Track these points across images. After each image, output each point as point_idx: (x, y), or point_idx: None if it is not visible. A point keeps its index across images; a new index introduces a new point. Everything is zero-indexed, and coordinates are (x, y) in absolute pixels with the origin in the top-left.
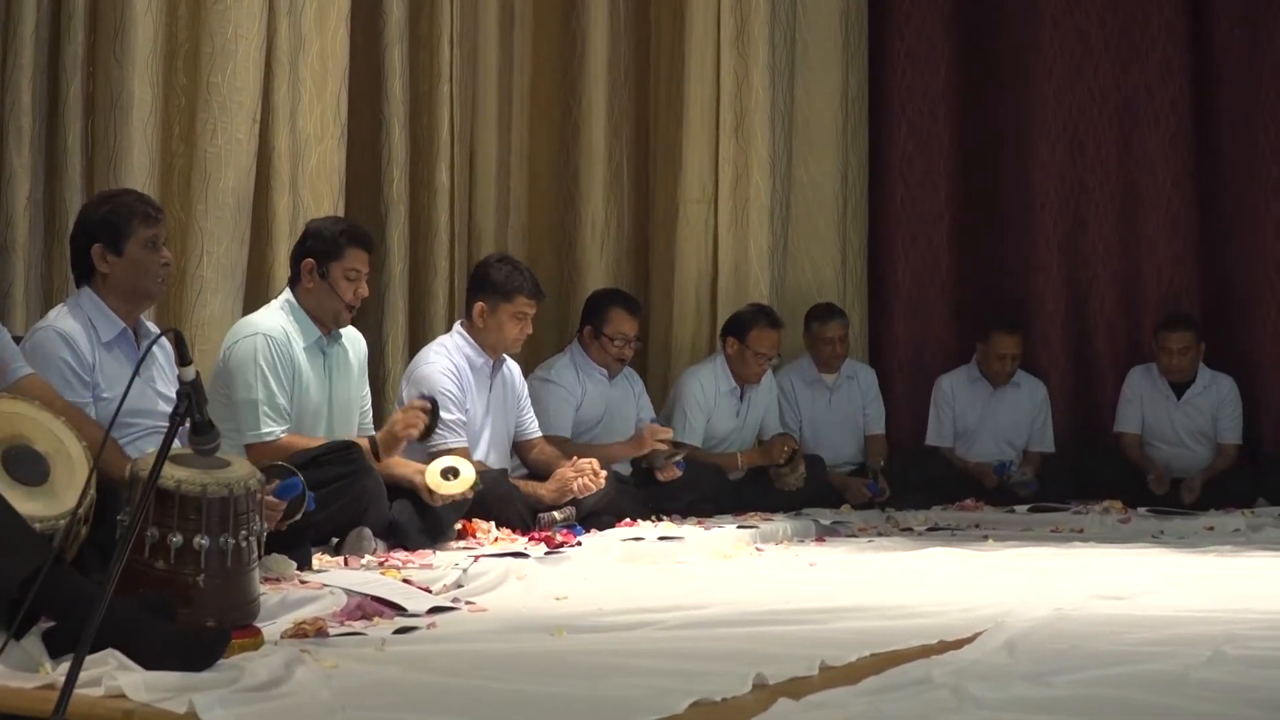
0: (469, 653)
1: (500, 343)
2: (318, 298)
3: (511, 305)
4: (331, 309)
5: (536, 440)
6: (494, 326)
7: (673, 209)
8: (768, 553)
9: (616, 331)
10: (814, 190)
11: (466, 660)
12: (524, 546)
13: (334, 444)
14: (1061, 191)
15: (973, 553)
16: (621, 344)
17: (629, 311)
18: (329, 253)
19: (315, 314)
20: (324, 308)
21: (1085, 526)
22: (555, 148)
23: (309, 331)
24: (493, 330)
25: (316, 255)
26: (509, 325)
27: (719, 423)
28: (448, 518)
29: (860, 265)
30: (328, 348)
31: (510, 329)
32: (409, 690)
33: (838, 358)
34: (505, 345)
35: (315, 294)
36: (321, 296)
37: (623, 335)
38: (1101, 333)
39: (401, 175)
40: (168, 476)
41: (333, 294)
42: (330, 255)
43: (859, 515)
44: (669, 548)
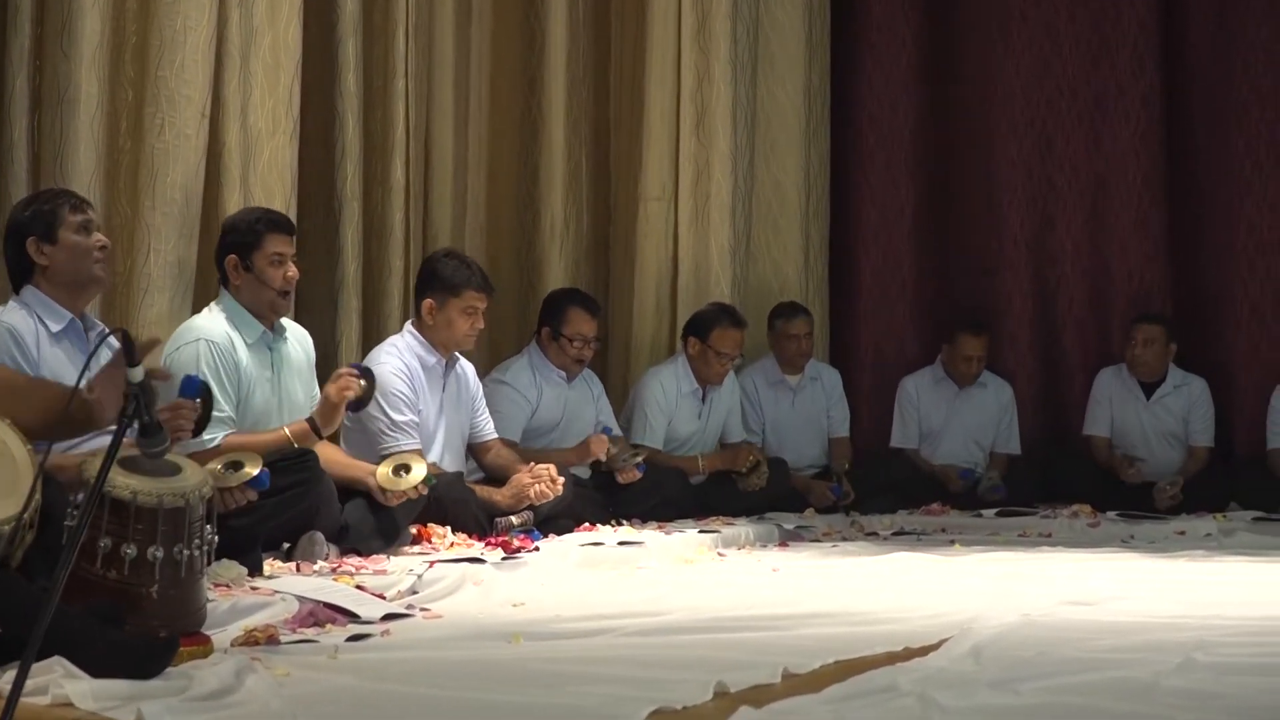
0: (424, 660)
1: (451, 339)
2: (250, 292)
3: (460, 300)
4: (265, 300)
5: (493, 442)
6: (443, 323)
7: (633, 207)
8: (730, 558)
9: (575, 332)
10: (775, 187)
11: (421, 668)
12: (480, 551)
13: (288, 451)
14: (1029, 188)
15: (939, 557)
16: (580, 345)
17: (588, 312)
18: (248, 244)
19: (254, 309)
20: (258, 300)
21: (1054, 531)
22: (514, 145)
23: (251, 329)
24: (442, 327)
25: (237, 250)
26: (459, 321)
27: (680, 425)
28: (402, 522)
29: (822, 264)
30: (274, 344)
31: (460, 325)
32: (362, 699)
33: (802, 356)
34: (456, 342)
35: (247, 288)
36: (252, 289)
37: (581, 336)
38: (1070, 332)
39: (355, 172)
40: (122, 486)
41: (261, 284)
42: (251, 246)
43: (823, 519)
44: (629, 553)
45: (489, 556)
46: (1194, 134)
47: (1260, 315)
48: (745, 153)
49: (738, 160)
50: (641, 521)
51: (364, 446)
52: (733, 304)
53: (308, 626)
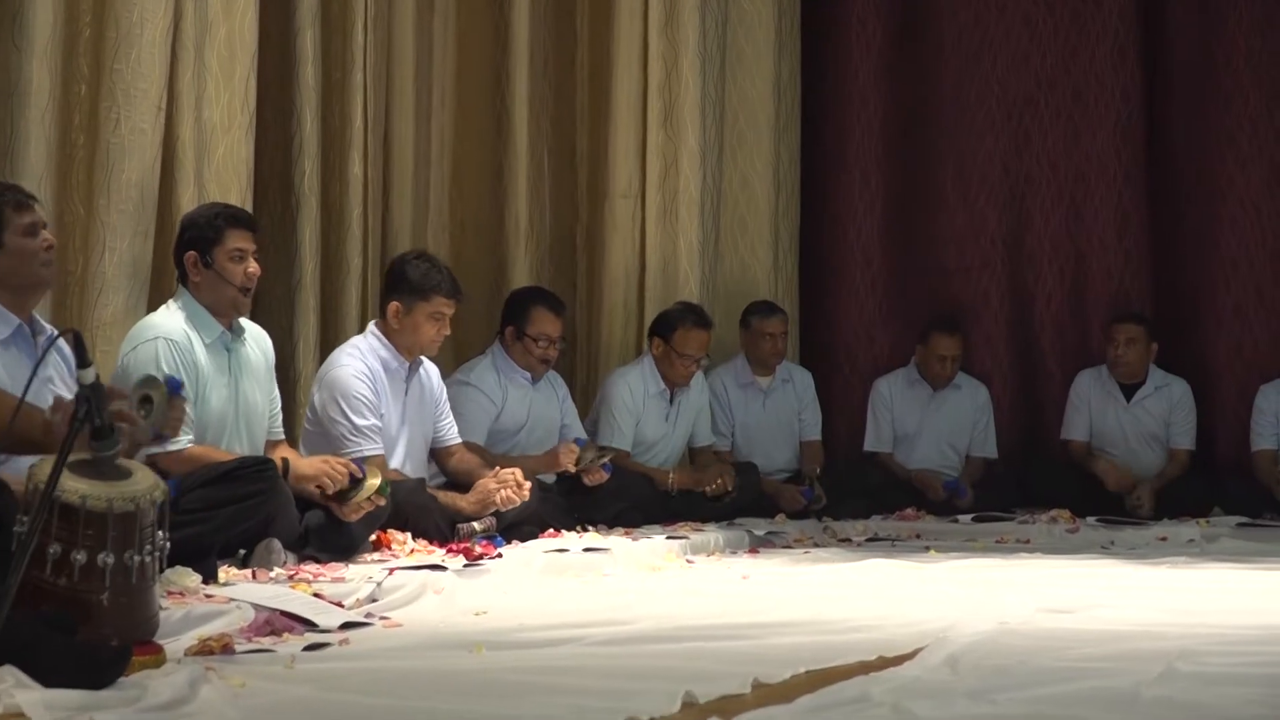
0: (383, 670)
1: (416, 344)
2: (210, 289)
3: (428, 305)
4: (226, 297)
5: (456, 447)
6: (409, 327)
7: (600, 203)
8: (698, 565)
9: (539, 332)
10: (744, 184)
11: (380, 679)
12: (441, 558)
13: (247, 459)
14: (1006, 185)
15: (914, 564)
16: (545, 345)
17: (552, 311)
18: (209, 240)
19: (213, 307)
20: (219, 298)
21: (1032, 537)
22: (478, 139)
23: (210, 328)
24: (408, 331)
25: (196, 246)
26: (425, 326)
27: (648, 427)
28: (361, 529)
29: (792, 262)
30: (232, 344)
31: (427, 330)
32: (320, 710)
33: (777, 355)
34: (421, 348)
35: (206, 286)
36: (213, 287)
37: (546, 336)
38: (1048, 333)
39: (313, 167)
40: (71, 490)
41: (222, 281)
42: (211, 242)
43: (794, 525)
44: (594, 560)
45: (450, 564)
46: (1176, 128)
47: (1243, 315)
48: (714, 148)
49: (706, 156)
50: (608, 527)
51: (325, 452)
52: (701, 303)
53: (264, 635)
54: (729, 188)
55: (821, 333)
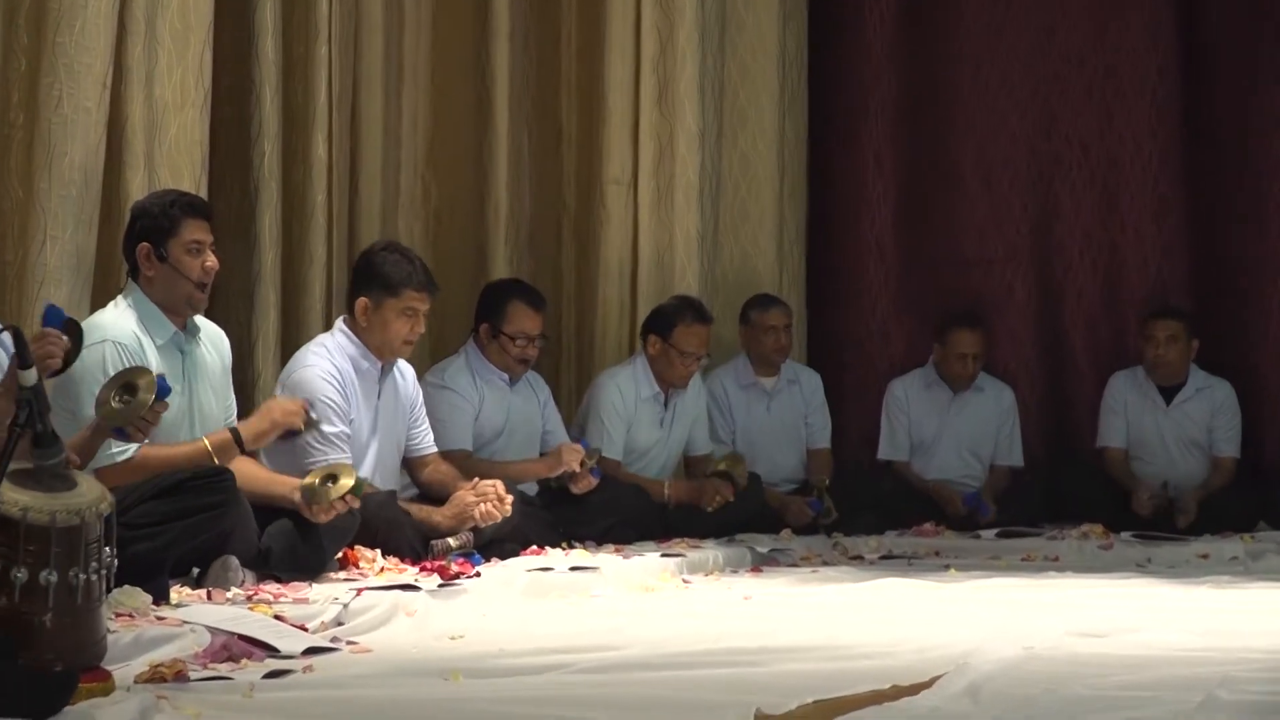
0: (350, 700)
1: (386, 343)
2: (164, 285)
3: (399, 300)
4: (182, 293)
5: (430, 456)
6: (379, 324)
7: (588, 190)
8: (696, 585)
9: (517, 330)
10: (746, 168)
11: (347, 708)
12: (414, 578)
13: (202, 469)
14: (1033, 169)
15: (932, 584)
16: (523, 344)
17: (531, 306)
18: (163, 230)
19: (166, 304)
20: (173, 294)
21: (1061, 554)
22: (455, 119)
23: (162, 329)
24: (377, 329)
25: (149, 237)
26: (396, 323)
27: (640, 433)
28: (328, 545)
29: (798, 253)
30: (186, 345)
31: (398, 328)
32: None
33: (781, 351)
34: (392, 348)
35: (160, 281)
36: (167, 282)
37: (524, 334)
38: (1079, 331)
39: (273, 148)
40: (10, 502)
41: (178, 275)
42: (165, 233)
43: (801, 541)
44: (582, 579)
45: (424, 583)
46: (1218, 105)
47: None
48: (713, 129)
49: (705, 137)
50: (596, 544)
51: (288, 462)
52: (699, 298)
53: (220, 661)
54: (729, 172)
55: (831, 330)
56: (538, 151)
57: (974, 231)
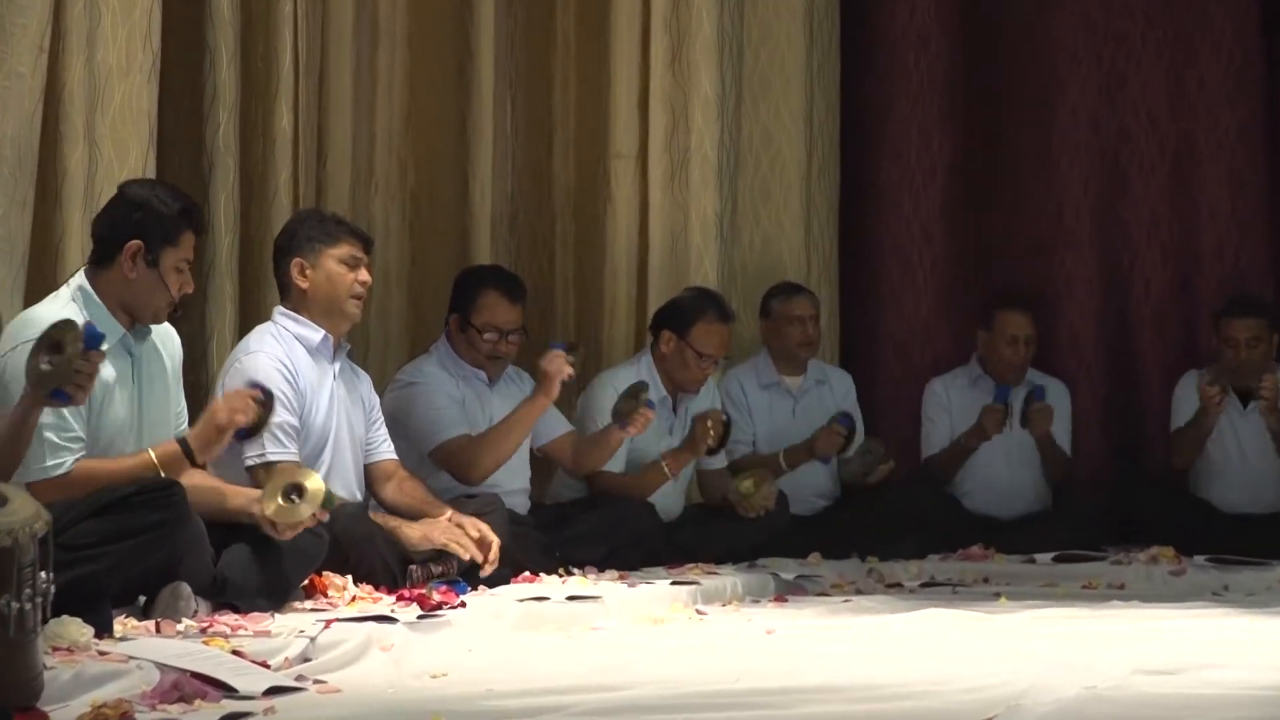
0: None
1: (334, 298)
2: (139, 290)
3: (336, 249)
4: (153, 305)
5: (390, 465)
6: (321, 281)
7: (588, 166)
8: (711, 616)
9: (487, 322)
10: (769, 141)
11: None
12: (390, 608)
13: (148, 483)
14: (1095, 143)
15: (981, 615)
16: (494, 339)
17: (506, 296)
18: (165, 236)
19: (129, 307)
20: (143, 302)
21: (1127, 580)
22: (435, 86)
23: (110, 330)
24: (322, 288)
25: (148, 237)
26: (340, 272)
27: (645, 442)
28: (292, 570)
29: (829, 238)
30: (135, 347)
31: (342, 277)
32: None
33: (808, 345)
34: (341, 303)
35: (137, 285)
36: (145, 289)
37: (495, 327)
38: (1146, 326)
39: (230, 120)
40: None
41: (161, 288)
42: (166, 240)
43: (831, 567)
44: (581, 610)
45: (401, 614)
46: None
47: None
48: (732, 96)
49: (723, 105)
50: (597, 570)
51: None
52: (717, 289)
53: (171, 702)
54: (750, 145)
55: (866, 327)
56: (530, 123)
57: (1029, 215)
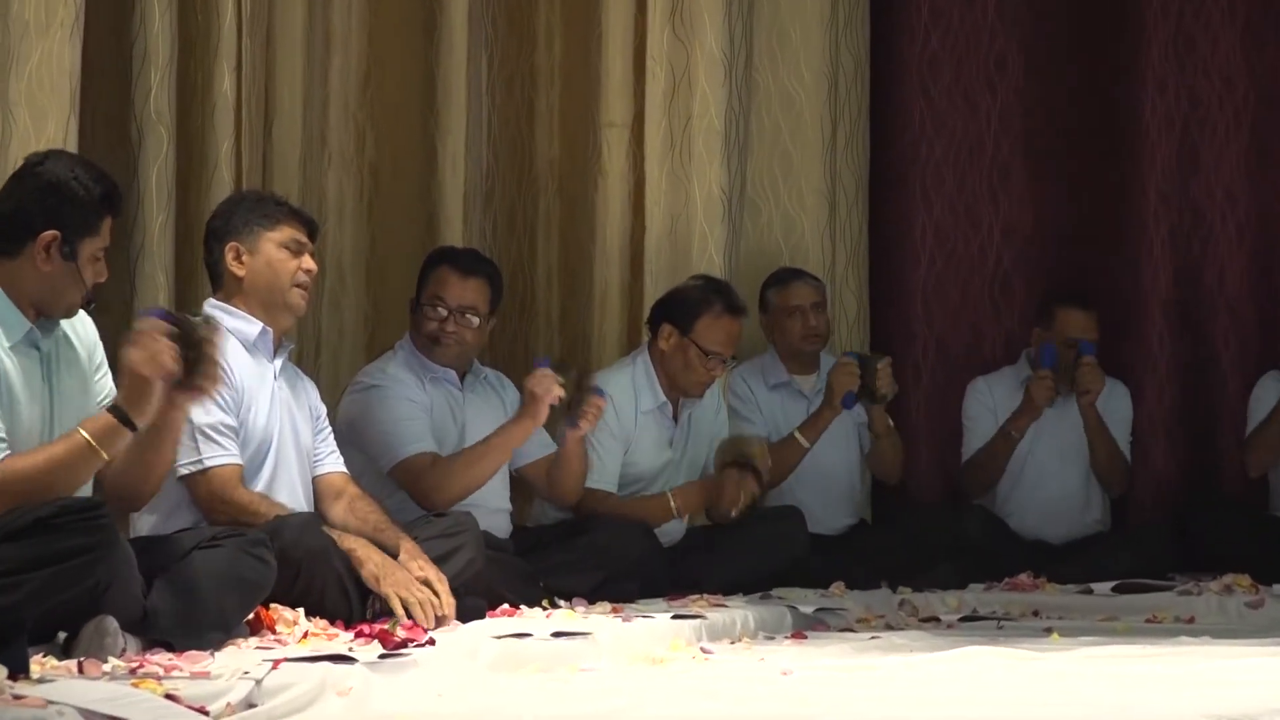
0: None
1: (276, 289)
2: (52, 284)
3: (276, 232)
4: (68, 300)
5: (337, 480)
6: (262, 270)
7: (576, 136)
8: (719, 656)
9: (432, 294)
10: (788, 105)
11: None
12: (348, 646)
13: (69, 503)
14: (1163, 109)
15: (1029, 653)
16: (438, 318)
17: (457, 269)
18: (85, 225)
19: (40, 302)
20: (56, 298)
21: (1197, 613)
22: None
23: (12, 325)
24: (261, 276)
25: (65, 227)
26: (281, 259)
27: (642, 456)
28: (234, 601)
29: (858, 219)
30: (44, 342)
31: (284, 264)
32: None
33: (813, 338)
34: (284, 293)
35: (50, 279)
36: (59, 283)
37: (439, 300)
38: (1220, 323)
39: (164, 82)
40: None
41: (77, 282)
42: (85, 229)
43: (857, 599)
44: (568, 648)
45: (361, 653)
46: None
47: None
48: (742, 53)
49: (732, 65)
50: (588, 602)
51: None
52: (725, 278)
53: None
54: (764, 111)
55: (901, 323)
56: (508, 86)
57: (1089, 194)
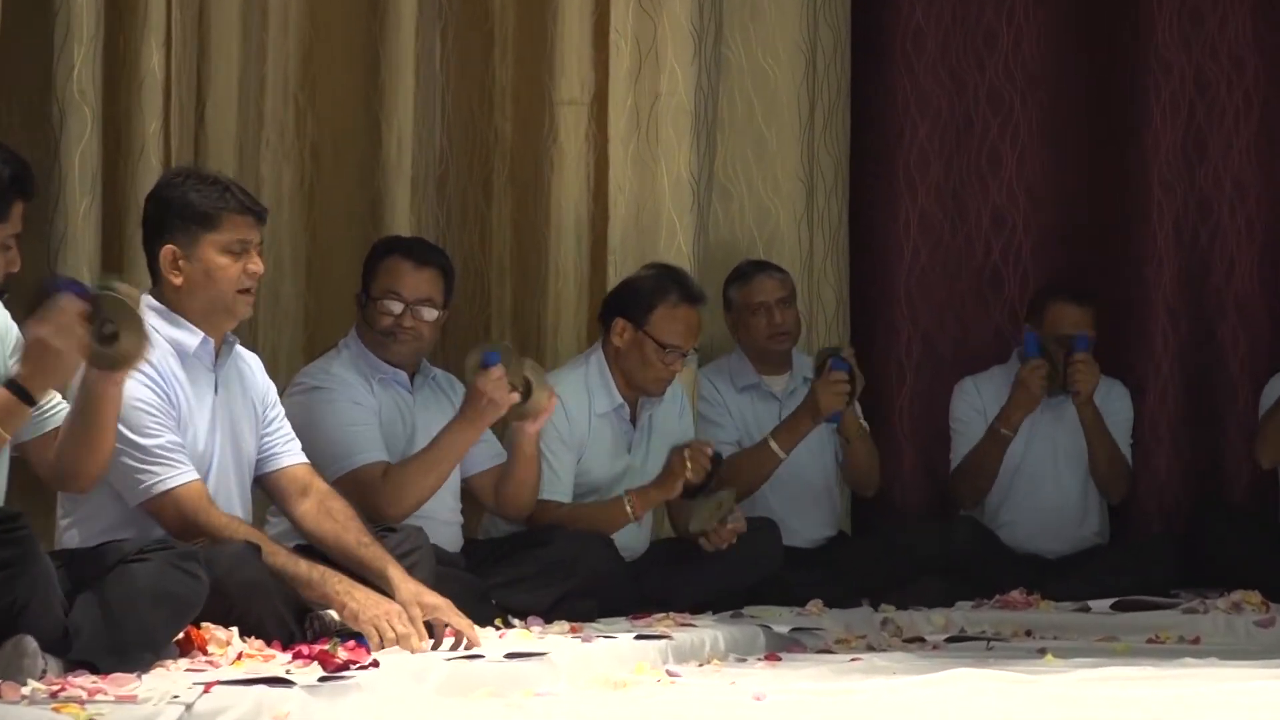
0: None
1: (216, 298)
2: None
3: (218, 234)
4: None
5: (300, 470)
6: (199, 276)
7: (531, 114)
8: (686, 679)
9: (386, 288)
10: (762, 82)
11: None
12: (285, 668)
13: None
14: (1167, 91)
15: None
16: (394, 312)
17: (410, 259)
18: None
19: None
20: None
21: (1203, 632)
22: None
23: None
24: (199, 282)
25: None
26: (222, 264)
27: (598, 463)
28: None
29: (837, 207)
30: None
31: (226, 269)
32: None
33: (780, 335)
34: (226, 299)
35: None
36: None
37: (395, 294)
38: (1228, 321)
39: (88, 58)
40: None
41: None
42: None
43: (837, 618)
44: (523, 671)
45: (299, 675)
46: None
47: None
48: (712, 25)
49: (701, 38)
50: (544, 620)
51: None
52: (694, 269)
53: None
54: (738, 88)
55: (885, 318)
56: (459, 60)
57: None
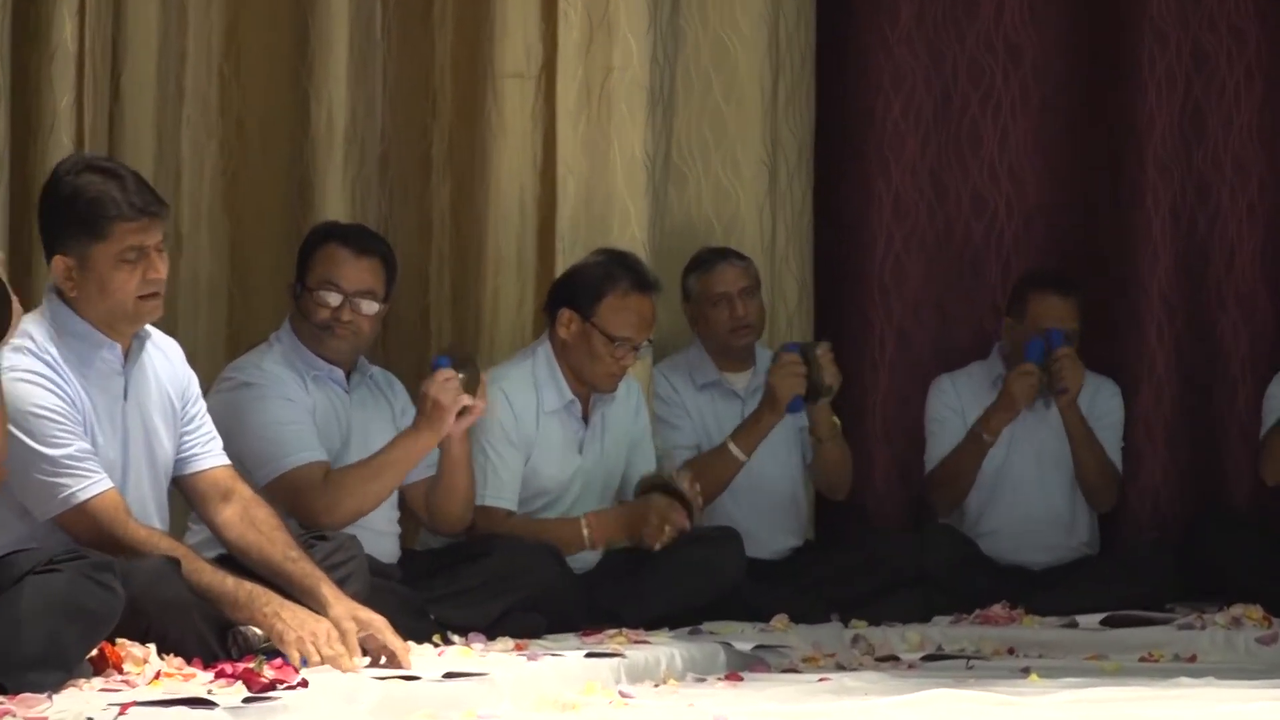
0: None
1: (113, 309)
2: None
3: (107, 244)
4: None
5: (222, 473)
6: (93, 288)
7: (473, 88)
8: (640, 700)
9: (324, 278)
10: (722, 55)
11: None
12: (207, 687)
13: None
14: (1163, 65)
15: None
16: (329, 308)
17: (351, 246)
18: None
19: None
20: None
21: (1200, 650)
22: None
23: None
24: (94, 293)
25: None
26: (117, 278)
27: (547, 464)
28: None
29: (801, 189)
30: None
31: (123, 283)
32: None
33: (743, 329)
34: (125, 309)
35: None
36: None
37: (333, 284)
38: (1228, 315)
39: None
40: None
41: None
42: None
43: (803, 634)
44: (463, 691)
45: (221, 696)
46: None
47: None
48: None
49: (657, 8)
50: (486, 637)
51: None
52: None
53: None
54: (695, 62)
55: (855, 309)
56: (395, 30)
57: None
